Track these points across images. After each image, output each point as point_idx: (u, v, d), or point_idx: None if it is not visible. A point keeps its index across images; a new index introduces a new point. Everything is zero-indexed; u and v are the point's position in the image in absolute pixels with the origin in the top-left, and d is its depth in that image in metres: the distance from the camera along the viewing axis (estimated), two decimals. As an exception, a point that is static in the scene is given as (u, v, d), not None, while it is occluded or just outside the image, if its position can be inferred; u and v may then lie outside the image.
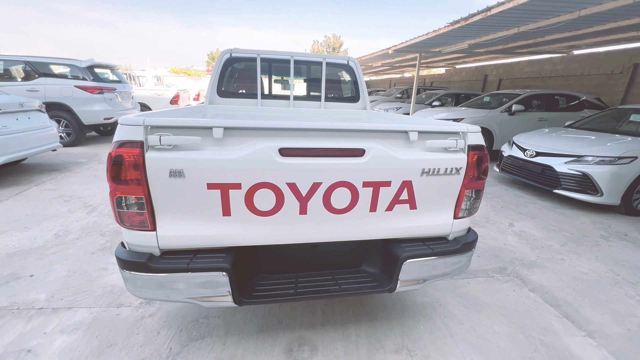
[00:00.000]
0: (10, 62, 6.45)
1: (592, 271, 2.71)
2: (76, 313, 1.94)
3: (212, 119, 1.26)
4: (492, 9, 4.70)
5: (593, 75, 9.03)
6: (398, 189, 1.44)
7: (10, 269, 2.36)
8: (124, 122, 1.22)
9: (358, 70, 3.10)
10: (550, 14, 5.10)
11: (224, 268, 1.32)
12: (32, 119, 4.48)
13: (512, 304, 2.23)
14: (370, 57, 11.64)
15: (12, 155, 4.04)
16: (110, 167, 1.22)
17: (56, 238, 2.84)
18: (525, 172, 4.76)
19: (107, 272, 2.37)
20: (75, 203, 3.64)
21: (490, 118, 6.76)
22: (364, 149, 1.36)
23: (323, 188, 1.36)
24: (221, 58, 2.89)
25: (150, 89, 10.17)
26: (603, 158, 3.98)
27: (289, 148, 1.30)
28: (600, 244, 3.24)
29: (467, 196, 1.58)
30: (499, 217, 3.82)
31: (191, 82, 26.38)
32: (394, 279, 1.52)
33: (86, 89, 6.50)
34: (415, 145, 1.45)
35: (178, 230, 1.33)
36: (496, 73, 12.68)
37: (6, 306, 1.97)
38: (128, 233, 1.33)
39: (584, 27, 5.93)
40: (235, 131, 1.29)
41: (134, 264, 1.30)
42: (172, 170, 1.23)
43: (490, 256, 2.88)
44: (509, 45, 8.10)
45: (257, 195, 1.32)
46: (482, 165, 1.53)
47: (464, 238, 1.64)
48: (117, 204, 1.27)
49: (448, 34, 6.43)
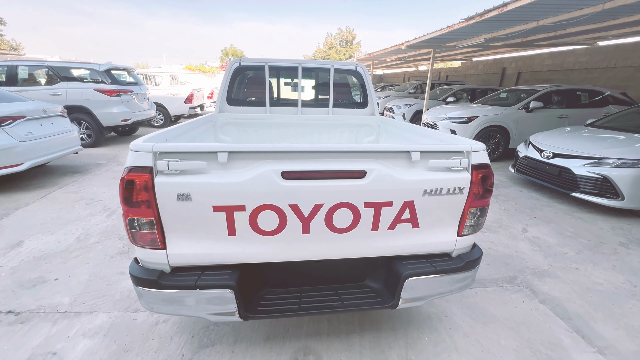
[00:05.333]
0: (35, 67, 6.76)
1: (608, 282, 2.63)
2: (96, 317, 2.07)
3: (217, 144, 1.31)
4: (508, 5, 4.52)
5: (620, 68, 8.56)
6: (400, 209, 1.45)
7: (38, 272, 2.53)
8: (134, 148, 1.28)
9: (366, 75, 3.08)
10: (572, 7, 4.85)
11: (230, 285, 1.38)
12: (55, 124, 4.70)
13: (520, 316, 2.21)
14: (383, 52, 11.44)
15: (38, 160, 4.27)
16: (123, 191, 1.29)
17: (78, 242, 3.00)
18: (541, 173, 4.62)
19: (125, 277, 2.50)
20: (95, 206, 3.82)
21: (507, 116, 6.55)
22: (365, 170, 1.38)
23: (325, 209, 1.39)
24: (230, 67, 2.94)
25: (165, 89, 10.41)
26: (625, 160, 3.80)
27: (290, 171, 1.33)
28: (618, 251, 3.13)
29: (471, 213, 1.57)
30: (512, 222, 3.74)
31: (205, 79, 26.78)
32: (395, 296, 1.54)
33: (104, 92, 6.74)
34: (417, 165, 1.45)
35: (186, 248, 1.40)
36: (515, 66, 12.20)
37: (34, 309, 2.12)
38: (140, 251, 1.41)
39: (610, 19, 5.62)
40: (239, 155, 1.33)
41: (146, 281, 1.38)
42: (180, 194, 1.28)
43: (500, 264, 2.84)
44: (528, 39, 7.78)
45: (261, 217, 1.37)
46: (486, 184, 1.51)
47: (468, 255, 1.63)
48: (130, 224, 1.35)
49: (463, 29, 6.24)
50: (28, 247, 2.88)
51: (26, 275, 2.49)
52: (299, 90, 3.03)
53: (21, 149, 4.05)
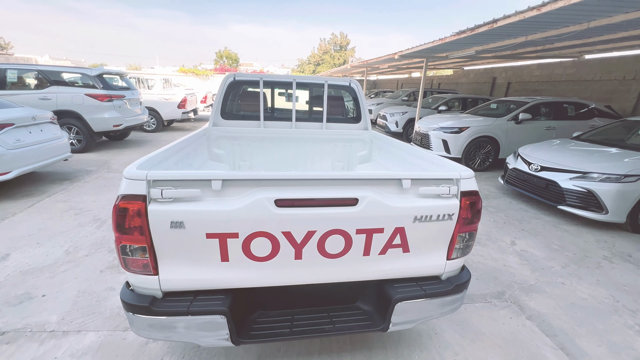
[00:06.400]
0: (24, 71, 6.64)
1: (592, 297, 2.71)
2: (85, 337, 2.04)
3: (211, 172, 1.32)
4: (498, 22, 4.65)
5: (604, 81, 8.84)
6: (391, 235, 1.48)
7: (24, 288, 2.48)
8: (127, 175, 1.28)
9: (359, 91, 3.13)
10: (559, 25, 5.02)
11: (222, 311, 1.39)
12: (45, 131, 4.63)
13: (508, 332, 2.26)
14: (377, 61, 11.59)
15: (25, 168, 4.19)
16: (115, 218, 1.29)
17: (67, 255, 2.95)
18: (529, 186, 4.73)
19: (114, 293, 2.47)
20: (85, 216, 3.77)
21: (497, 126, 6.69)
22: (357, 198, 1.41)
23: (317, 235, 1.41)
24: (225, 82, 2.95)
25: (158, 93, 10.31)
26: (609, 175, 3.93)
27: (284, 199, 1.35)
28: (602, 265, 3.22)
29: (460, 237, 1.61)
30: (500, 235, 3.82)
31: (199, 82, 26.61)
32: (386, 320, 1.57)
33: (96, 97, 6.65)
34: (408, 192, 1.49)
35: (179, 274, 1.40)
36: (505, 76, 12.48)
37: (20, 328, 2.08)
38: (132, 276, 1.40)
39: (594, 36, 5.82)
40: (232, 182, 1.34)
41: (137, 307, 1.37)
42: (173, 221, 1.29)
43: (490, 279, 2.90)
44: (517, 51, 7.98)
45: (254, 243, 1.38)
46: (475, 210, 1.56)
47: (457, 279, 1.67)
48: (122, 250, 1.34)
49: (454, 41, 6.37)
50: (15, 260, 2.83)
51: (12, 291, 2.44)
52: (293, 105, 3.06)
53: (9, 157, 3.97)
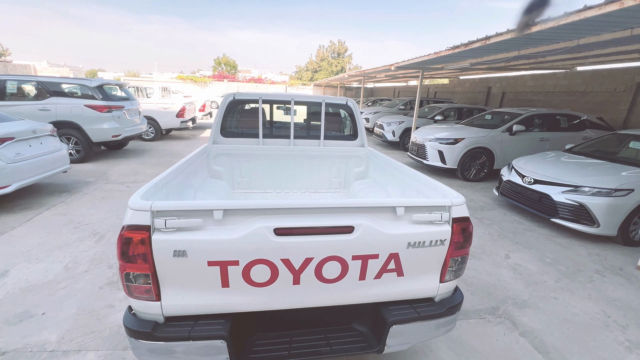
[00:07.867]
0: (23, 81, 6.70)
1: (584, 312, 2.77)
2: (85, 357, 2.06)
3: (213, 202, 1.38)
4: (490, 38, 4.78)
5: (596, 92, 9.03)
6: (385, 261, 1.54)
7: (24, 306, 2.50)
8: (132, 206, 1.34)
9: (356, 109, 3.21)
10: (550, 41, 5.17)
11: (222, 336, 1.43)
12: (44, 144, 4.66)
13: (501, 349, 2.30)
14: (374, 70, 11.77)
15: (25, 181, 4.22)
16: (120, 247, 1.34)
17: (66, 271, 2.98)
18: (523, 198, 4.81)
19: (114, 310, 2.49)
20: (84, 230, 3.79)
21: (491, 138, 6.82)
22: (354, 225, 1.47)
23: (315, 262, 1.47)
24: (225, 101, 3.03)
25: (157, 102, 10.38)
26: (600, 189, 4.02)
27: (283, 228, 1.40)
28: (594, 279, 3.29)
29: (453, 260, 1.67)
30: (495, 248, 3.88)
31: (197, 89, 26.78)
32: (382, 342, 1.61)
33: (95, 108, 6.71)
34: (402, 219, 1.55)
35: (180, 299, 1.45)
36: (499, 86, 12.70)
37: (20, 348, 2.10)
38: (135, 302, 1.45)
39: (585, 51, 5.98)
40: (233, 212, 1.40)
41: (140, 333, 1.41)
42: (176, 250, 1.34)
43: (484, 294, 2.95)
44: (510, 64, 8.16)
45: (254, 270, 1.43)
46: (466, 235, 1.62)
47: (450, 301, 1.73)
48: (126, 278, 1.39)
49: (449, 55, 6.51)
50: (14, 277, 2.84)
51: (12, 309, 2.45)
52: (291, 122, 3.13)
53: (8, 171, 4.01)
